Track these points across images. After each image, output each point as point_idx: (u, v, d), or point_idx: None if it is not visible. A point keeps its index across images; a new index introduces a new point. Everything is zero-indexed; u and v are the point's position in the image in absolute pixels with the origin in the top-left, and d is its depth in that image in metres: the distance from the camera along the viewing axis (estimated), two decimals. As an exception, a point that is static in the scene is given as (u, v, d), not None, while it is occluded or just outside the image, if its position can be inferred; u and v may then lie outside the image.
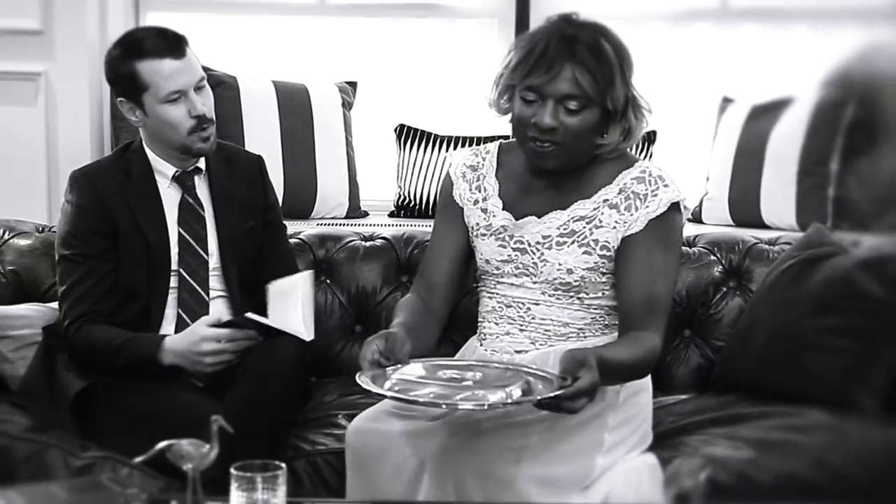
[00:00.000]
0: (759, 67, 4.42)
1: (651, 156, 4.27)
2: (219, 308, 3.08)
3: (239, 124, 4.11)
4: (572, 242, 2.73)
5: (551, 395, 2.35)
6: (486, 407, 2.37)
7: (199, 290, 3.07)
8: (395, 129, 4.33)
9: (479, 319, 2.89)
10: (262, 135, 4.09)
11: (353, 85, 4.39)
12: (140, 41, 3.01)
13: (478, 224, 2.83)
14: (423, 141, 4.27)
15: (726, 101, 4.34)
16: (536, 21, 4.43)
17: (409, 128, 4.31)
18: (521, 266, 2.77)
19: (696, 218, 4.26)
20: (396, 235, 3.58)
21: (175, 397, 2.88)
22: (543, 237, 2.75)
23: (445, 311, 2.89)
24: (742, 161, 4.15)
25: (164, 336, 2.96)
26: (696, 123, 4.42)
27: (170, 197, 3.10)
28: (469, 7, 4.54)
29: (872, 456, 2.80)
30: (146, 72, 2.99)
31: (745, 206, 4.13)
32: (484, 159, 2.88)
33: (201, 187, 3.14)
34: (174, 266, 3.06)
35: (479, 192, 2.85)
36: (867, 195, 3.65)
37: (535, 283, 2.77)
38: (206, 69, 4.11)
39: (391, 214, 4.33)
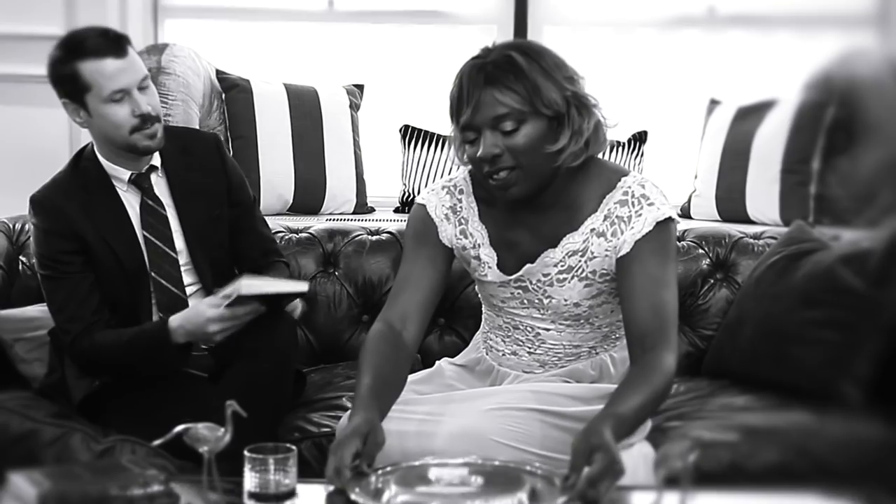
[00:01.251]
0: (745, 71, 4.42)
1: (642, 155, 4.27)
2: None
3: (252, 125, 4.10)
4: (572, 278, 2.59)
5: (559, 502, 2.13)
6: None
7: (175, 290, 2.99)
8: (400, 130, 4.33)
9: (485, 328, 2.81)
10: (274, 135, 4.09)
11: (360, 88, 4.38)
12: (82, 41, 2.89)
13: (475, 269, 2.71)
14: (427, 141, 4.26)
15: (713, 102, 4.33)
16: (534, 27, 4.46)
17: (414, 128, 4.30)
18: (526, 301, 2.66)
19: (685, 213, 4.26)
20: (401, 230, 3.59)
21: (180, 387, 2.87)
22: (543, 275, 2.61)
23: (418, 341, 2.67)
24: (728, 160, 4.14)
25: (166, 320, 2.87)
26: (685, 124, 4.42)
27: (131, 201, 3.00)
28: (470, 14, 4.54)
29: (855, 446, 2.80)
30: (88, 72, 2.87)
31: (731, 203, 4.13)
32: (460, 200, 2.70)
33: (160, 185, 3.03)
34: (148, 269, 2.98)
35: (466, 237, 2.69)
36: (847, 192, 3.65)
37: (542, 314, 2.66)
38: (221, 73, 4.15)
39: (396, 210, 4.32)
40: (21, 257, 3.43)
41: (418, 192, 4.21)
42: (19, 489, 2.15)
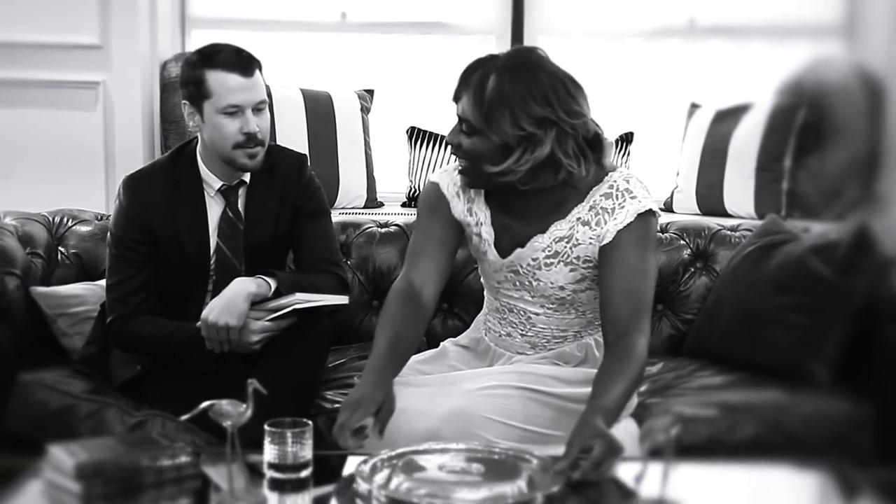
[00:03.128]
0: (723, 77, 4.41)
1: (628, 154, 4.26)
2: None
3: (272, 127, 4.08)
4: (558, 262, 2.58)
5: (554, 489, 2.09)
6: None
7: None
8: (407, 131, 4.32)
9: (485, 310, 2.80)
10: (291, 136, 4.08)
11: (370, 92, 4.37)
12: (216, 53, 2.86)
13: (476, 247, 2.70)
14: (432, 141, 4.25)
15: (694, 106, 4.32)
16: (529, 37, 4.45)
17: (419, 129, 4.29)
18: (517, 284, 2.64)
19: (668, 208, 4.25)
20: (408, 223, 3.58)
21: (214, 372, 2.84)
22: (533, 259, 2.59)
23: (435, 302, 2.67)
24: (708, 158, 4.13)
25: None
26: (668, 126, 4.40)
27: (213, 208, 2.95)
28: (471, 25, 4.53)
29: (824, 421, 2.79)
30: (213, 81, 2.83)
31: (710, 198, 4.12)
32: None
33: (242, 199, 2.98)
34: (211, 273, 2.95)
35: (472, 215, 2.67)
36: (816, 188, 3.64)
37: (532, 297, 2.64)
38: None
39: (403, 204, 4.31)
40: (59, 248, 3.42)
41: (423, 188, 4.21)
42: (58, 460, 2.15)
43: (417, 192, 4.25)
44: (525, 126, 2.43)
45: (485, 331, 2.80)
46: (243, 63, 2.86)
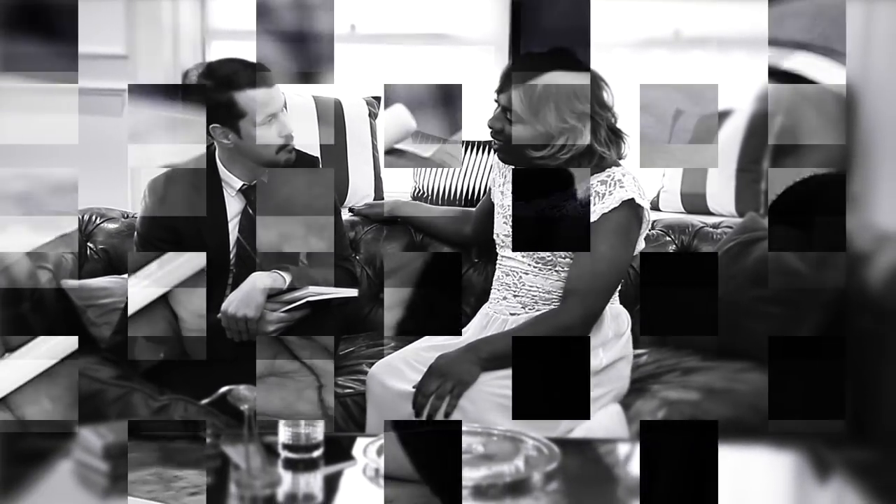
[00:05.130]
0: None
1: (618, 156, 4.25)
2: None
3: (286, 131, 4.10)
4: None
5: (549, 468, 2.12)
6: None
7: None
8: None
9: (492, 290, 2.87)
10: (304, 140, 4.07)
11: (378, 99, 4.37)
12: (234, 74, 2.82)
13: (497, 203, 2.84)
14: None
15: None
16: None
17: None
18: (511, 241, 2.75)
19: (654, 206, 4.24)
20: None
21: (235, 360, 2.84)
22: None
23: (473, 235, 3.13)
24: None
25: None
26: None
27: (233, 206, 2.96)
28: (472, 37, 4.53)
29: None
30: (244, 101, 2.81)
31: (694, 197, 4.12)
32: None
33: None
34: (231, 266, 2.96)
35: (502, 177, 2.86)
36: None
37: (523, 256, 2.73)
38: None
39: (408, 203, 4.32)
40: (88, 244, 3.43)
41: (427, 189, 4.21)
42: (87, 441, 2.16)
43: (420, 192, 4.25)
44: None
45: (488, 304, 2.87)
46: (264, 76, 2.85)
